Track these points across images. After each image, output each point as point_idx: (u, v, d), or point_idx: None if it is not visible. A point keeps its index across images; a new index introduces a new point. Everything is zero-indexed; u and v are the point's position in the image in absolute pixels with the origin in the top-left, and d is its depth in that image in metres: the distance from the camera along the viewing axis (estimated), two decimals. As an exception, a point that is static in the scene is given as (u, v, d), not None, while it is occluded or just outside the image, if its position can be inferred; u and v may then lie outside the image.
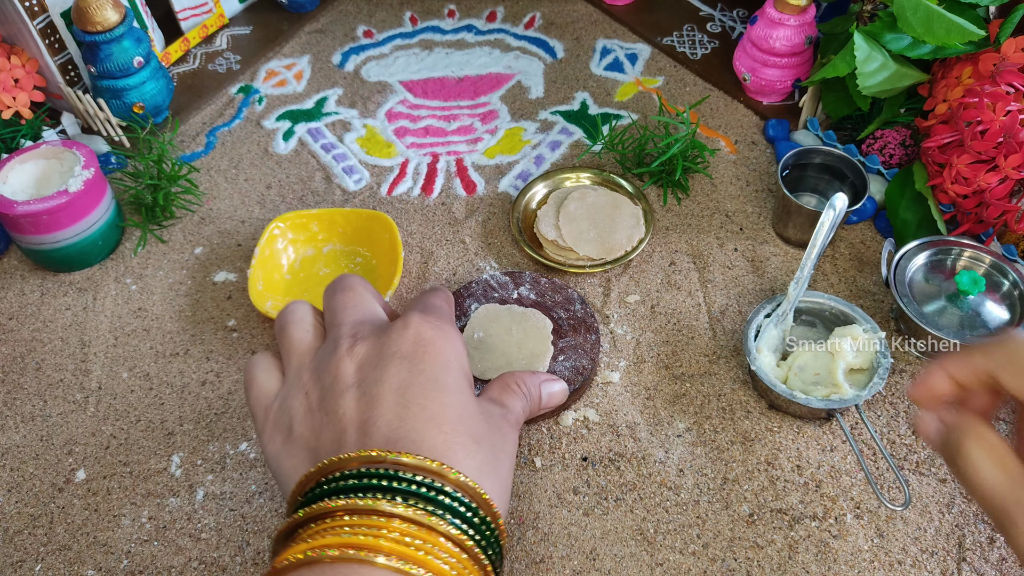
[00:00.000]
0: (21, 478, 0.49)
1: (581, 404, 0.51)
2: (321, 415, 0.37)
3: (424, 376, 0.37)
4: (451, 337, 0.39)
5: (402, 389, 0.36)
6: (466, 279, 0.58)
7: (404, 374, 0.37)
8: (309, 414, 0.37)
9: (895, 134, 0.62)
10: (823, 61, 0.66)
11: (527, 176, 0.66)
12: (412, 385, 0.36)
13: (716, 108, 0.71)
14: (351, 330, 0.39)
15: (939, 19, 0.55)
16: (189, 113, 0.71)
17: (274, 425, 0.38)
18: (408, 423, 0.35)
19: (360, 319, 0.41)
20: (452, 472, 0.33)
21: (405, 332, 0.38)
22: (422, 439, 0.35)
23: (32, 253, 0.58)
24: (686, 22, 0.79)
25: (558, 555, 0.45)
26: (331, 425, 0.36)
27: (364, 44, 0.78)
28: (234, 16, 0.79)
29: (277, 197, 0.65)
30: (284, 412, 0.38)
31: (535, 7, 0.82)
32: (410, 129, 0.70)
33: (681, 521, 0.46)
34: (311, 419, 0.37)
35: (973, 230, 0.56)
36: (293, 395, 0.38)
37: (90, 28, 0.61)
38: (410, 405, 0.36)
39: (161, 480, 0.48)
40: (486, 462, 0.36)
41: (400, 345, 0.38)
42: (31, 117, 0.65)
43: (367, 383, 0.37)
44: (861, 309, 0.53)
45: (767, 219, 0.62)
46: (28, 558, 0.45)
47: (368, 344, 0.38)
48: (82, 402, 0.52)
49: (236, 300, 0.58)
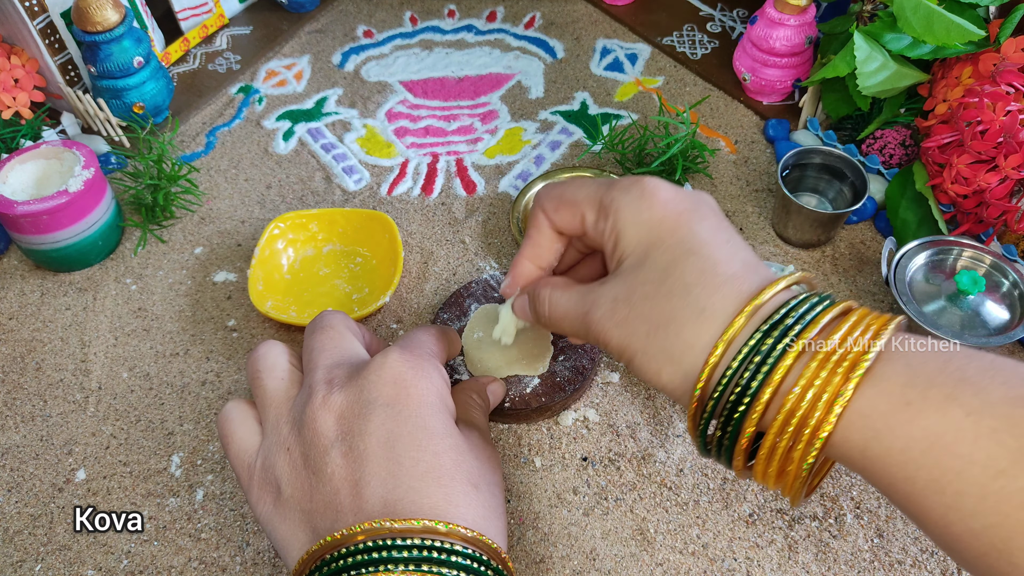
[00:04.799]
0: (21, 478, 0.49)
1: (581, 404, 0.51)
2: (308, 474, 0.35)
3: (411, 424, 0.35)
4: (430, 374, 0.38)
5: (390, 441, 0.35)
6: (466, 279, 0.58)
7: (389, 424, 0.35)
8: (295, 473, 0.36)
9: (895, 134, 0.62)
10: (823, 61, 0.66)
11: (527, 176, 0.66)
12: (400, 436, 0.35)
13: (716, 108, 0.71)
14: (326, 375, 0.38)
15: (939, 19, 0.55)
16: (189, 113, 0.71)
17: (260, 485, 0.37)
18: (404, 481, 0.34)
19: (335, 361, 0.39)
20: (463, 530, 0.33)
21: (382, 374, 0.37)
22: (421, 498, 0.33)
23: (32, 253, 0.58)
24: (686, 22, 0.79)
25: (558, 555, 0.45)
26: (321, 486, 0.35)
27: (364, 44, 0.78)
28: (234, 16, 0.80)
29: (277, 197, 0.65)
30: (269, 470, 0.37)
31: (535, 7, 0.82)
32: (410, 129, 0.70)
33: (681, 521, 0.46)
34: (298, 479, 0.36)
35: (973, 230, 0.56)
36: (275, 451, 0.37)
37: (90, 28, 0.61)
38: (402, 460, 0.34)
39: (161, 480, 0.48)
40: (487, 505, 0.35)
41: (380, 390, 0.36)
42: (31, 117, 0.65)
43: (351, 436, 0.35)
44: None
45: (767, 219, 0.62)
46: (28, 558, 0.45)
47: (345, 392, 0.37)
48: (82, 402, 0.52)
49: (236, 300, 0.58)
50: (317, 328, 0.42)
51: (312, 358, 0.40)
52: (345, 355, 0.40)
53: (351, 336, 0.42)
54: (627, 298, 0.35)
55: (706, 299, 0.33)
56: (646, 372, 0.35)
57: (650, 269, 0.35)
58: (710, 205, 0.38)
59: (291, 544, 0.35)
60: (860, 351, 0.30)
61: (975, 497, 0.27)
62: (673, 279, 0.34)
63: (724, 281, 0.33)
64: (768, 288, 0.33)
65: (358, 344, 0.42)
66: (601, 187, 0.39)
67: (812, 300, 0.33)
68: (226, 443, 0.39)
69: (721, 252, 0.34)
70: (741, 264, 0.34)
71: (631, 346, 0.35)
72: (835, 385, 0.30)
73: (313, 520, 0.35)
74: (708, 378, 0.32)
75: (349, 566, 0.32)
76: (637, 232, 0.36)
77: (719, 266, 0.34)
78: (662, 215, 0.36)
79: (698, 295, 0.33)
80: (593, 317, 0.37)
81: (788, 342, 0.31)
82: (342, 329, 0.42)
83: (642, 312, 0.35)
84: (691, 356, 0.33)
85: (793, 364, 0.31)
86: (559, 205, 0.40)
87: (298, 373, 0.41)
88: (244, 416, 0.40)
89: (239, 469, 0.38)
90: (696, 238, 0.35)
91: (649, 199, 0.36)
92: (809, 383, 0.30)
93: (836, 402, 0.30)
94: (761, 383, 0.31)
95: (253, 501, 0.37)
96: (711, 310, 0.33)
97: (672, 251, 0.35)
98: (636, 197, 0.37)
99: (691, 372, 0.33)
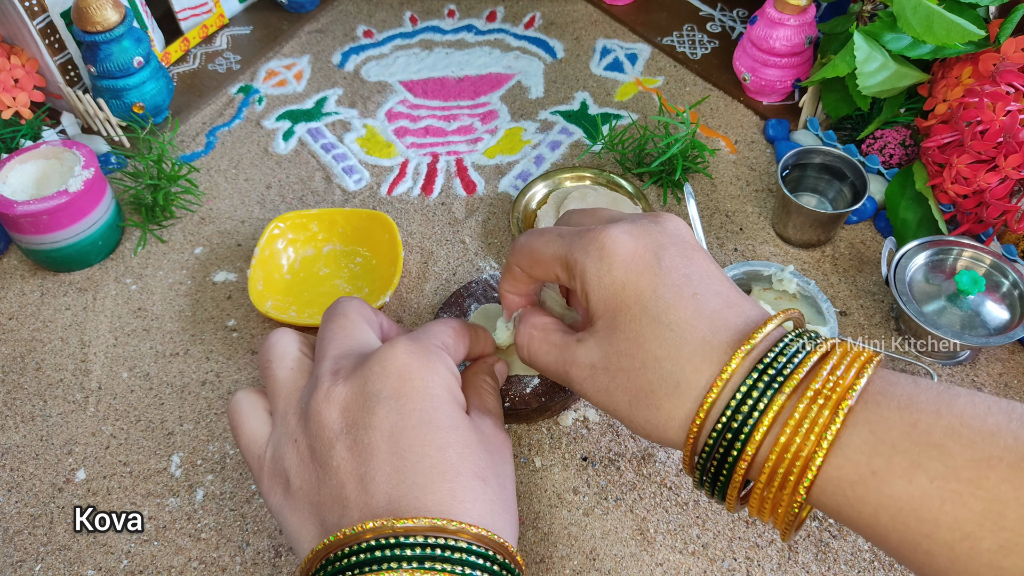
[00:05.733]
0: (21, 478, 0.49)
1: (581, 404, 0.51)
2: (315, 467, 0.35)
3: (415, 417, 0.35)
4: (436, 366, 0.38)
5: (395, 435, 0.34)
6: (466, 279, 0.58)
7: (394, 417, 0.35)
8: (303, 465, 0.36)
9: (895, 134, 0.62)
10: (823, 61, 0.66)
11: (527, 176, 0.66)
12: (405, 430, 0.35)
13: (716, 108, 0.71)
14: (333, 365, 0.38)
15: (939, 19, 0.55)
16: (189, 113, 0.71)
17: (271, 476, 0.37)
18: (408, 476, 0.34)
19: (344, 351, 0.39)
20: (470, 527, 0.33)
21: (387, 365, 0.36)
22: (426, 494, 0.33)
23: (32, 253, 0.58)
24: (686, 22, 0.79)
25: (558, 555, 0.45)
26: (328, 479, 0.35)
27: (364, 44, 0.78)
28: (234, 16, 0.80)
29: (277, 197, 0.65)
30: (278, 461, 0.37)
31: (535, 7, 0.82)
32: (410, 129, 0.70)
33: (681, 521, 0.46)
34: (306, 471, 0.36)
35: (973, 230, 0.56)
36: (284, 443, 0.37)
37: (90, 28, 0.61)
38: (407, 455, 0.34)
39: (161, 480, 0.48)
40: (495, 499, 0.35)
41: (384, 382, 0.36)
42: (31, 117, 0.65)
43: (356, 429, 0.35)
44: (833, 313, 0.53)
45: (767, 219, 0.62)
46: (28, 558, 0.45)
47: (349, 384, 0.36)
48: (82, 402, 0.52)
49: (236, 300, 0.58)
50: (330, 316, 0.42)
51: (322, 347, 0.40)
52: (355, 344, 0.40)
53: (364, 324, 0.41)
54: (604, 367, 0.36)
55: (679, 372, 0.34)
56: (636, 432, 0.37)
57: (620, 339, 0.36)
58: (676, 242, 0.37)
59: (302, 536, 0.35)
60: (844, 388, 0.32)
61: (945, 558, 0.29)
62: (644, 352, 0.35)
63: (694, 350, 0.34)
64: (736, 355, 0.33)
65: (371, 333, 0.41)
66: (565, 244, 0.38)
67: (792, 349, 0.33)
68: (236, 433, 0.39)
69: (686, 312, 0.35)
70: (709, 320, 0.35)
71: (616, 412, 0.37)
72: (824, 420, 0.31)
73: (321, 513, 0.35)
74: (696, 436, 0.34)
75: (354, 564, 0.32)
76: (603, 296, 0.37)
77: (687, 332, 0.34)
78: (623, 279, 0.36)
79: (671, 369, 0.34)
80: (573, 377, 0.38)
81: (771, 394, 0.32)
82: (355, 317, 0.41)
83: (620, 384, 0.36)
84: (674, 426, 0.35)
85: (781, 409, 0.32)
86: (532, 264, 0.41)
87: (308, 362, 0.41)
88: (253, 406, 0.40)
89: (250, 459, 0.38)
90: (660, 302, 0.35)
91: (608, 261, 0.36)
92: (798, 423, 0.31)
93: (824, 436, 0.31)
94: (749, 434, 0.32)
95: (264, 492, 0.37)
96: (685, 384, 0.34)
97: (638, 321, 0.35)
98: (596, 260, 0.37)
99: (677, 438, 0.35)
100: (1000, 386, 0.52)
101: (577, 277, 0.38)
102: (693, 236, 0.39)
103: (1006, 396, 0.52)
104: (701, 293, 0.35)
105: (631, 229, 0.37)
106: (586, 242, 0.37)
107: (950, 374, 0.53)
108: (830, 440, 0.31)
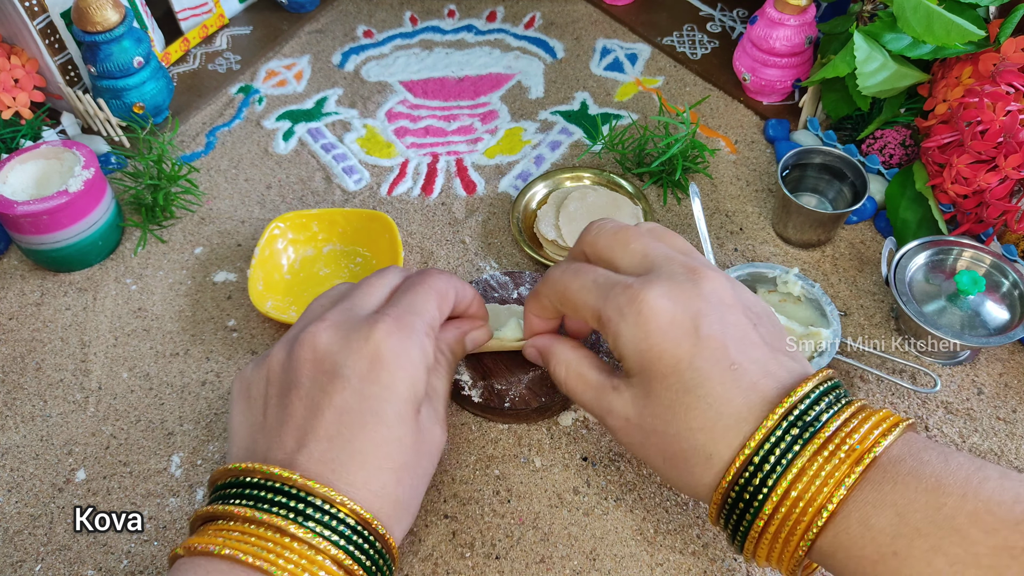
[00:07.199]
0: (21, 478, 0.49)
1: (581, 404, 0.51)
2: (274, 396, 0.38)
3: (365, 404, 0.36)
4: (410, 355, 0.38)
5: (343, 413, 0.36)
6: (466, 279, 0.58)
7: (350, 397, 0.36)
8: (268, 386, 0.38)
9: (895, 134, 0.62)
10: (823, 61, 0.66)
11: (527, 176, 0.66)
12: (351, 411, 0.36)
13: (716, 108, 0.71)
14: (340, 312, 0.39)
15: (939, 19, 0.55)
16: (189, 113, 0.71)
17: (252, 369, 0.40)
18: (335, 451, 0.36)
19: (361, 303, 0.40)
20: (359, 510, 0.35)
21: (364, 346, 0.37)
22: (345, 471, 0.35)
23: (32, 253, 0.58)
24: (686, 22, 0.79)
25: (558, 555, 0.45)
26: (276, 413, 0.37)
27: (364, 44, 0.78)
28: (234, 16, 0.80)
29: (277, 197, 0.65)
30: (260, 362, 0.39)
31: (535, 7, 0.82)
32: (410, 129, 0.70)
33: (681, 521, 0.46)
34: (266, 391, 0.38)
35: (973, 230, 0.56)
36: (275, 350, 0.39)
37: (90, 28, 0.61)
38: (343, 432, 0.36)
39: (161, 480, 0.48)
40: (400, 499, 0.37)
41: (356, 362, 0.37)
42: (31, 117, 0.65)
43: (315, 389, 0.37)
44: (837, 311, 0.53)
45: (767, 219, 0.62)
46: (28, 558, 0.45)
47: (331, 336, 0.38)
48: (82, 402, 0.52)
49: (236, 300, 0.58)
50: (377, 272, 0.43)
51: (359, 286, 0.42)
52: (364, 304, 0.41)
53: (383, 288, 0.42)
54: (639, 425, 0.38)
55: (712, 445, 0.35)
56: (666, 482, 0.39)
57: (655, 404, 0.37)
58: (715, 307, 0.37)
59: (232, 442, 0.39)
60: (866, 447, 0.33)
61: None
62: (679, 422, 0.36)
63: (727, 426, 0.35)
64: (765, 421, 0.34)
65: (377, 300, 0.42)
66: (600, 297, 0.38)
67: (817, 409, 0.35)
68: None
69: (723, 386, 0.35)
70: (745, 393, 0.35)
71: (649, 464, 0.39)
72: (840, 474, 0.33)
73: (255, 438, 0.37)
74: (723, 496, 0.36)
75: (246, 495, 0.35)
76: (638, 360, 0.37)
77: (722, 407, 0.35)
78: (660, 349, 0.36)
79: (704, 442, 0.36)
80: (609, 425, 0.40)
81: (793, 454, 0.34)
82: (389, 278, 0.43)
83: (654, 443, 0.38)
84: (704, 488, 0.37)
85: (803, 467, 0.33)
86: (563, 303, 0.41)
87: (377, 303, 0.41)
88: None
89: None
90: (697, 374, 0.36)
91: (645, 327, 0.36)
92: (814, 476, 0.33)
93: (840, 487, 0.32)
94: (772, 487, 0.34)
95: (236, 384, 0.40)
96: (717, 457, 0.35)
97: (674, 390, 0.36)
98: (632, 324, 0.37)
99: (706, 497, 0.37)
100: (1000, 386, 0.52)
101: (611, 335, 0.38)
102: (731, 295, 0.38)
103: (1006, 396, 0.52)
104: (739, 363, 0.36)
105: (669, 291, 0.37)
106: (622, 302, 0.37)
107: (950, 374, 0.53)
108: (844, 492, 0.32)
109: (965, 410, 0.51)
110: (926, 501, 0.31)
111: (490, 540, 0.45)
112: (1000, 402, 0.51)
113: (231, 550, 0.33)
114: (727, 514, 0.36)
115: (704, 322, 0.36)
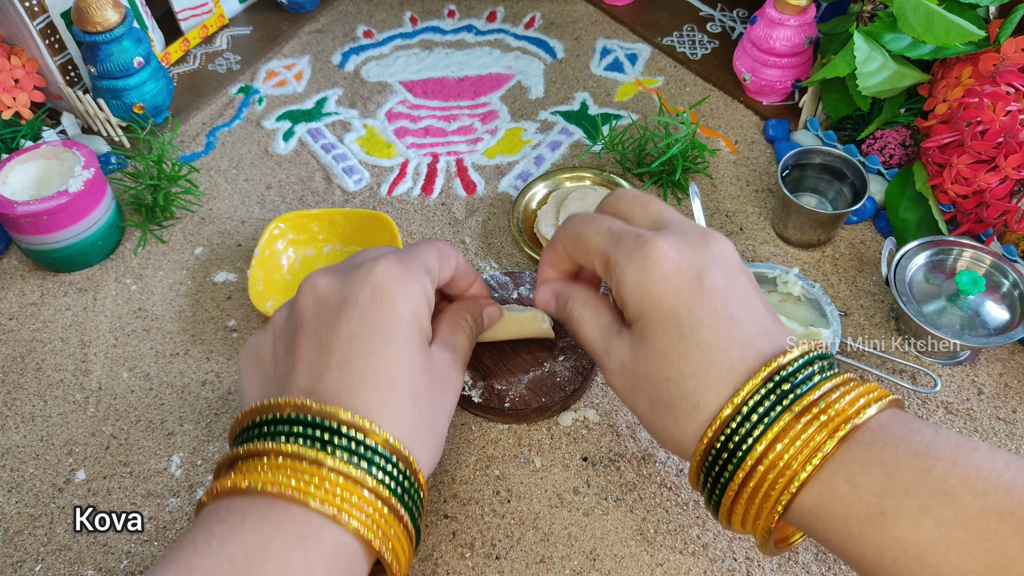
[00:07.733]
0: (21, 478, 0.49)
1: (581, 404, 0.51)
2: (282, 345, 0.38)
3: (372, 329, 0.37)
4: (411, 289, 0.39)
5: (351, 340, 0.36)
6: (466, 279, 0.58)
7: (356, 324, 0.37)
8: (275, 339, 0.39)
9: (895, 134, 0.62)
10: (823, 61, 0.66)
11: (527, 176, 0.66)
12: (359, 338, 0.36)
13: (716, 108, 0.71)
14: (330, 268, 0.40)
15: (939, 19, 0.55)
16: (189, 113, 0.71)
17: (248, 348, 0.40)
18: (348, 378, 0.36)
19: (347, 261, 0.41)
20: (383, 433, 0.34)
21: (366, 279, 0.38)
22: (359, 396, 0.35)
23: (32, 253, 0.58)
24: (686, 22, 0.79)
25: (558, 555, 0.45)
26: (286, 357, 0.38)
27: (364, 44, 0.78)
28: (234, 16, 0.80)
29: (277, 197, 0.65)
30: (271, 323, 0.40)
31: (535, 7, 0.82)
32: (410, 129, 0.70)
33: (681, 521, 0.46)
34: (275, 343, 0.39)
35: (973, 230, 0.56)
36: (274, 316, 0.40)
37: (90, 28, 0.61)
38: (354, 359, 0.36)
39: (161, 480, 0.48)
40: (420, 421, 0.37)
41: (359, 293, 0.38)
42: (31, 117, 0.65)
43: (321, 324, 0.37)
44: (836, 312, 0.53)
45: (767, 219, 0.62)
46: (28, 558, 0.45)
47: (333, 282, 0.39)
48: (82, 402, 0.52)
49: (236, 300, 0.58)
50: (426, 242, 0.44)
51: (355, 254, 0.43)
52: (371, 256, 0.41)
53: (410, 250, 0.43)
54: (632, 368, 0.38)
55: (700, 393, 0.35)
56: (649, 433, 0.39)
57: (651, 348, 0.37)
58: (721, 263, 0.37)
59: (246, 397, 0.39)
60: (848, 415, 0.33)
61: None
62: (671, 367, 0.36)
63: (719, 374, 0.35)
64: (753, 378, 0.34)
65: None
66: (611, 243, 0.39)
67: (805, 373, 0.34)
68: None
69: (720, 336, 0.35)
70: (740, 346, 0.35)
71: (635, 410, 0.39)
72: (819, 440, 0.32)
73: (268, 384, 0.38)
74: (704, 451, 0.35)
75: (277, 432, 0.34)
76: (639, 305, 0.37)
77: (716, 356, 0.35)
78: (661, 294, 0.36)
79: (693, 388, 0.35)
80: (604, 366, 0.40)
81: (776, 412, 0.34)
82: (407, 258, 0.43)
83: (644, 389, 0.37)
84: (687, 440, 0.36)
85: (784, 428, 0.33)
86: (575, 247, 0.42)
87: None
88: None
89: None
90: (695, 321, 0.36)
91: (649, 273, 0.37)
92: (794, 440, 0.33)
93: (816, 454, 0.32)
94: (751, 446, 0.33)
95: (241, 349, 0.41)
96: (704, 405, 0.35)
97: (670, 335, 0.36)
98: (638, 268, 0.37)
99: (688, 451, 0.36)
100: (1000, 386, 0.52)
101: (615, 280, 0.38)
102: (739, 258, 0.39)
103: (1006, 396, 0.52)
104: (738, 317, 0.36)
105: (678, 244, 0.37)
106: (631, 248, 0.38)
107: (950, 374, 0.53)
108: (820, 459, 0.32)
109: (965, 410, 0.51)
110: (916, 463, 0.31)
111: (490, 540, 0.45)
112: (1000, 402, 0.51)
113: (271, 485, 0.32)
114: (708, 468, 0.35)
115: (708, 275, 0.36)
